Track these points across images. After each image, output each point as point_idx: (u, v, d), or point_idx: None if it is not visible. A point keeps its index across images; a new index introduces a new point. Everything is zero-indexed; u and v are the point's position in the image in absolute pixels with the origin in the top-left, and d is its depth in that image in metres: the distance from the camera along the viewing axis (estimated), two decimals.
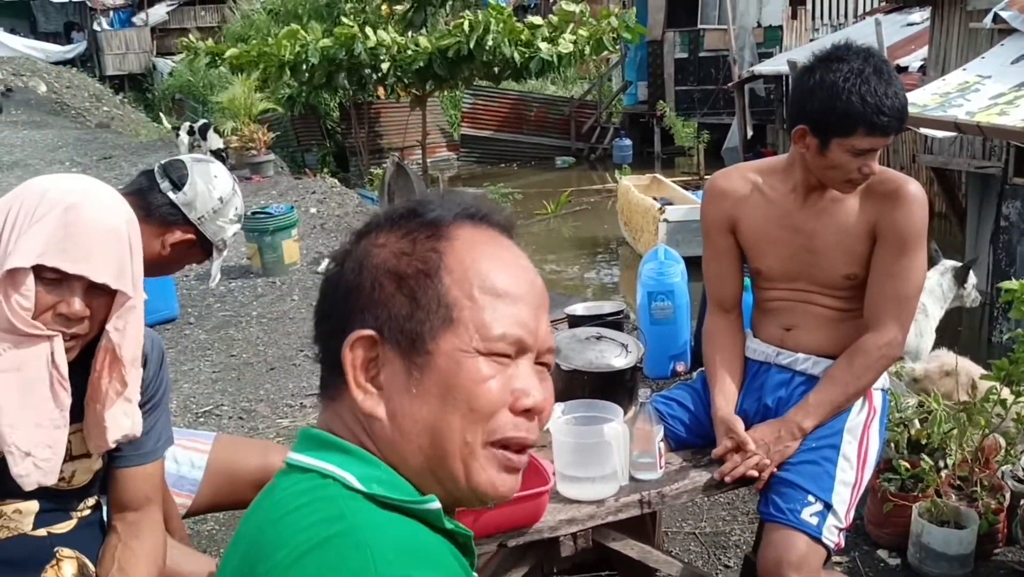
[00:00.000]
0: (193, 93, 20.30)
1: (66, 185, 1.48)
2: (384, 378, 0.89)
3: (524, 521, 1.92)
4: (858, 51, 1.98)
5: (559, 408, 2.16)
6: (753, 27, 16.31)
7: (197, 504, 2.24)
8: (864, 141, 1.96)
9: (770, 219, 2.17)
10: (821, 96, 1.95)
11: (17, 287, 1.40)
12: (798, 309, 2.19)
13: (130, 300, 1.49)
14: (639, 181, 11.69)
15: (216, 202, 2.06)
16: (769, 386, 2.22)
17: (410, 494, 0.87)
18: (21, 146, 12.76)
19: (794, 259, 2.16)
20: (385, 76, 11.49)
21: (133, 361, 1.54)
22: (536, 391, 0.90)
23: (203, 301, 6.48)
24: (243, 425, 4.35)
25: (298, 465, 0.90)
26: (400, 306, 0.88)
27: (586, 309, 3.68)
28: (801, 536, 1.99)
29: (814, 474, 2.04)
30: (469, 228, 0.92)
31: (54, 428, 1.46)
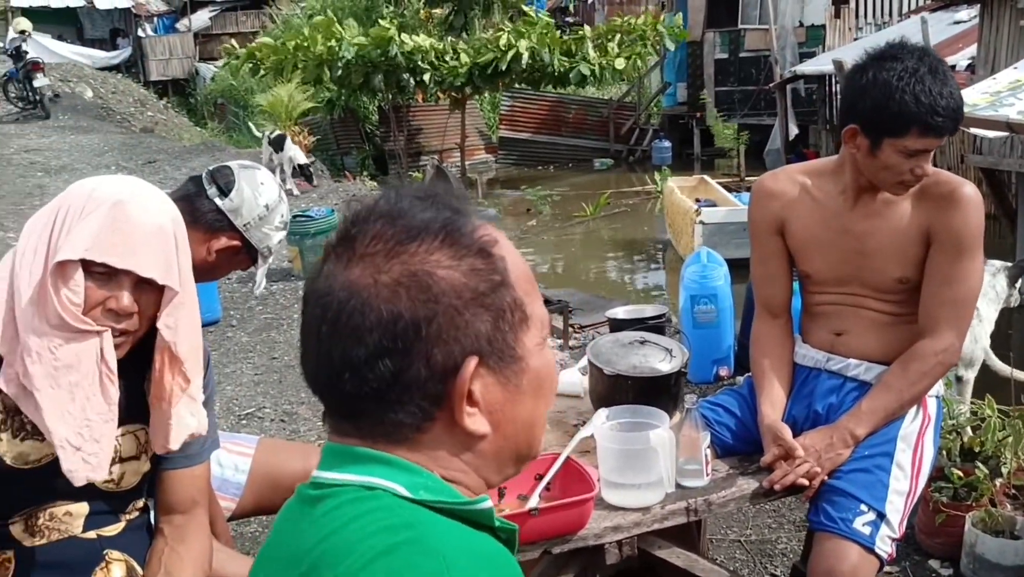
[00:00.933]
0: (235, 97, 20.53)
1: (113, 184, 1.50)
2: (480, 395, 0.86)
3: (569, 528, 1.90)
4: (913, 49, 1.94)
5: (603, 413, 2.14)
6: (795, 26, 16.14)
7: (241, 507, 2.26)
8: (917, 142, 1.91)
9: (819, 221, 2.13)
10: (874, 95, 1.91)
11: (67, 281, 1.41)
12: (849, 313, 2.14)
13: (178, 296, 1.49)
14: (685, 183, 11.58)
15: (262, 209, 2.07)
16: (819, 392, 2.17)
17: (455, 497, 0.86)
18: (68, 151, 12.99)
19: (844, 262, 2.11)
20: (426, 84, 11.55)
21: (193, 358, 1.54)
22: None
23: (245, 304, 6.54)
24: (285, 427, 4.38)
25: (333, 483, 0.85)
26: (484, 323, 0.85)
27: (627, 313, 3.64)
28: (853, 546, 1.94)
29: (867, 483, 2.00)
30: (491, 227, 0.91)
31: (103, 422, 1.47)
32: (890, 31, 14.06)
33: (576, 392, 2.63)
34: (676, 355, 2.45)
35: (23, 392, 1.44)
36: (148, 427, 1.59)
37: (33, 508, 1.51)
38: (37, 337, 1.43)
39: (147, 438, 1.59)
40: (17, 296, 1.44)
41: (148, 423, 1.59)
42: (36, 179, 11.02)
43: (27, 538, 1.52)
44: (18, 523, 1.51)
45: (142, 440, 1.58)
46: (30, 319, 1.43)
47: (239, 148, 14.60)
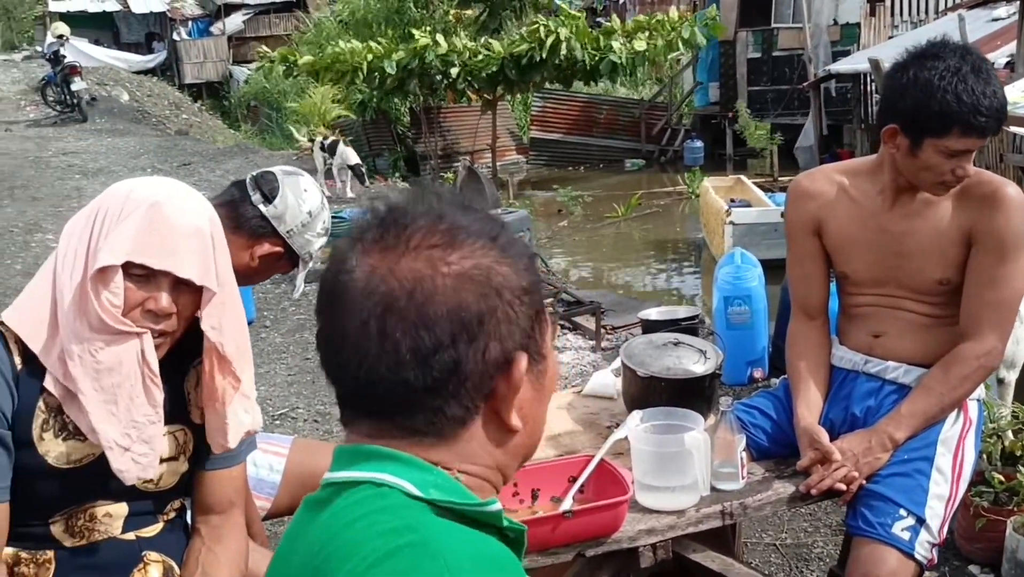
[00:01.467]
0: (268, 100, 20.70)
1: (149, 186, 1.52)
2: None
3: (603, 531, 1.89)
4: (955, 48, 1.91)
5: (637, 415, 2.13)
6: (829, 25, 15.98)
7: (276, 507, 2.27)
8: (959, 142, 1.88)
9: (857, 221, 2.10)
10: (915, 94, 1.88)
11: (107, 284, 1.43)
12: (887, 315, 2.11)
13: (217, 296, 1.50)
14: (721, 183, 11.49)
15: (305, 216, 2.08)
16: (857, 395, 2.14)
17: (465, 496, 0.85)
18: (105, 153, 13.17)
19: (883, 263, 2.08)
20: (455, 81, 11.56)
21: (241, 356, 1.56)
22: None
23: (279, 305, 6.59)
24: (318, 428, 4.40)
25: (345, 481, 0.86)
26: (529, 320, 0.88)
27: (660, 314, 3.63)
28: (892, 551, 1.91)
29: (906, 487, 1.97)
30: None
31: (149, 424, 1.48)
32: (926, 29, 13.88)
33: (609, 394, 2.62)
34: (710, 357, 2.43)
35: (67, 394, 1.46)
36: (187, 428, 1.60)
37: (73, 508, 1.53)
38: (78, 340, 1.44)
39: (186, 438, 1.60)
40: (59, 299, 1.46)
41: (187, 424, 1.60)
42: (74, 181, 11.18)
43: (67, 539, 1.54)
44: (59, 523, 1.53)
45: (181, 440, 1.60)
46: (71, 322, 1.45)
47: (272, 150, 14.74)
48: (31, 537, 1.52)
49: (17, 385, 1.46)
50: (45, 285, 1.49)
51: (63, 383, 1.45)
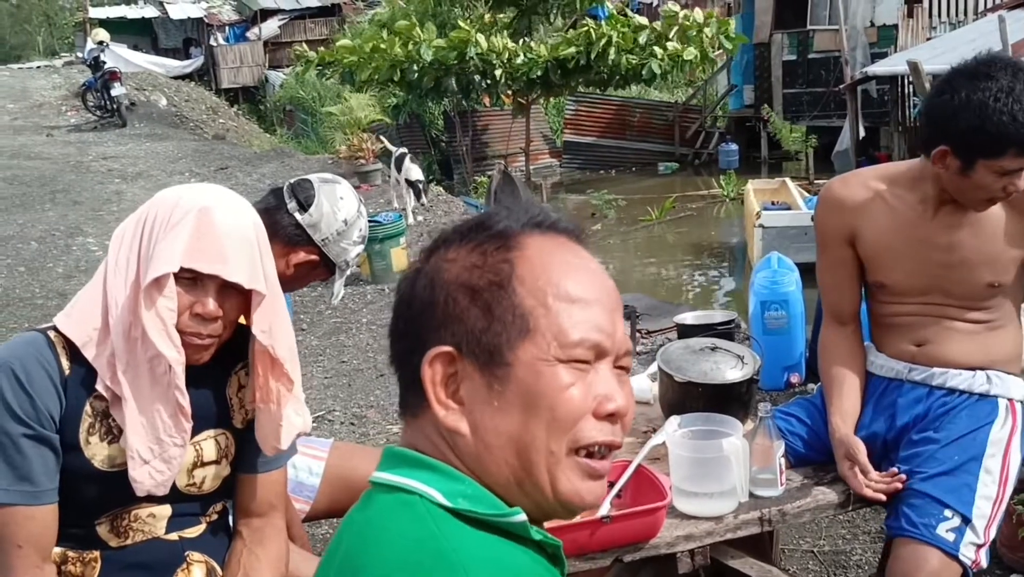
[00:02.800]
0: (303, 104, 20.89)
1: (197, 192, 1.55)
2: (464, 393, 0.88)
3: (641, 536, 1.89)
4: (1004, 65, 1.87)
5: (675, 421, 2.12)
6: (866, 27, 15.82)
7: (315, 509, 2.29)
8: (1014, 162, 1.86)
9: (896, 230, 2.06)
10: (968, 117, 1.84)
11: (162, 290, 1.46)
12: (931, 323, 2.09)
13: (265, 299, 1.53)
14: (767, 185, 11.42)
15: (340, 224, 2.09)
16: (903, 404, 2.11)
17: (497, 507, 0.87)
18: (144, 158, 13.36)
19: (926, 273, 2.06)
20: (496, 83, 11.55)
21: (291, 358, 1.59)
22: (618, 395, 0.90)
23: (315, 308, 6.65)
24: (354, 431, 4.44)
25: (384, 484, 0.89)
26: (476, 320, 0.88)
27: (696, 318, 3.61)
28: (934, 551, 1.89)
29: (953, 487, 1.95)
30: (538, 237, 0.91)
31: (173, 445, 1.51)
32: (966, 30, 13.69)
33: (646, 398, 2.61)
34: (748, 362, 2.42)
35: (115, 398, 1.49)
36: (229, 432, 1.63)
37: (119, 509, 1.56)
38: (126, 348, 1.48)
39: (228, 443, 1.63)
40: (111, 305, 1.49)
41: (229, 428, 1.63)
42: (114, 186, 11.35)
43: (113, 539, 1.57)
44: (104, 524, 1.56)
45: (223, 445, 1.62)
46: (123, 328, 1.48)
47: (308, 154, 14.86)
48: (78, 537, 1.55)
49: (65, 390, 1.49)
50: (96, 292, 1.52)
51: (111, 387, 1.48)
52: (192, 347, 1.51)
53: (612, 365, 0.91)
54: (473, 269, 0.89)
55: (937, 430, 2.04)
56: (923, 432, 2.06)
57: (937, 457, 1.99)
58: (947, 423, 2.04)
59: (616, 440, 0.90)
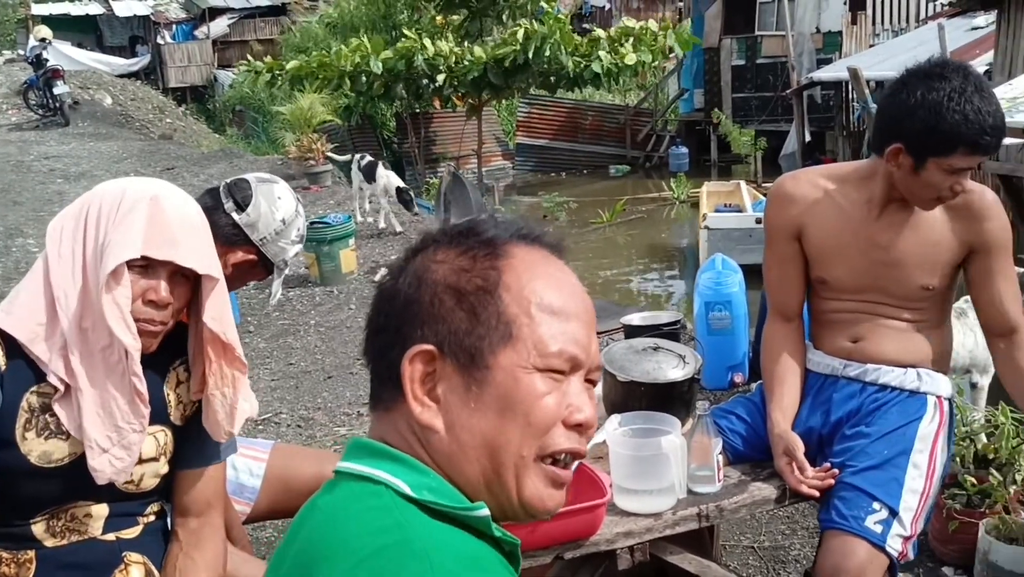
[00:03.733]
0: (253, 104, 20.67)
1: (140, 183, 1.57)
2: (441, 391, 0.90)
3: (581, 533, 1.91)
4: (956, 68, 1.94)
5: (616, 420, 2.15)
6: (812, 33, 16.10)
7: (256, 511, 2.28)
8: (963, 160, 1.92)
9: (842, 228, 2.12)
10: (922, 115, 1.90)
11: (119, 279, 1.46)
12: (866, 321, 2.15)
13: (218, 283, 1.55)
14: (723, 188, 11.60)
15: (278, 224, 2.09)
16: (838, 399, 2.17)
17: (460, 501, 0.89)
18: (88, 157, 13.11)
19: (867, 271, 2.12)
20: (441, 87, 11.58)
21: (238, 344, 1.60)
22: (587, 407, 0.93)
23: (262, 310, 6.58)
24: (301, 433, 4.41)
25: (349, 473, 0.91)
26: (460, 321, 0.90)
27: (642, 319, 3.66)
28: (862, 543, 1.94)
29: (882, 480, 2.00)
30: (524, 248, 0.94)
31: (132, 432, 1.51)
32: (907, 37, 14.01)
33: None
34: (689, 361, 2.46)
35: (65, 390, 1.49)
36: (167, 429, 1.62)
37: (55, 508, 1.54)
38: (79, 338, 1.47)
39: (166, 440, 1.62)
40: (61, 299, 1.48)
41: (167, 425, 1.62)
42: (56, 186, 11.13)
43: (48, 538, 1.55)
44: (40, 523, 1.54)
45: (162, 442, 1.61)
46: (76, 321, 1.48)
47: (257, 155, 14.71)
48: (12, 537, 1.53)
49: (1, 385, 1.47)
50: (37, 287, 1.51)
51: (64, 379, 1.48)
52: (145, 334, 1.51)
53: (583, 378, 0.94)
54: (462, 272, 0.91)
55: (868, 425, 2.10)
56: (855, 427, 2.11)
57: (867, 451, 2.05)
58: (878, 418, 2.10)
59: (582, 449, 0.93)
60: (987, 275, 2.10)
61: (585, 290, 0.97)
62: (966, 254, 2.09)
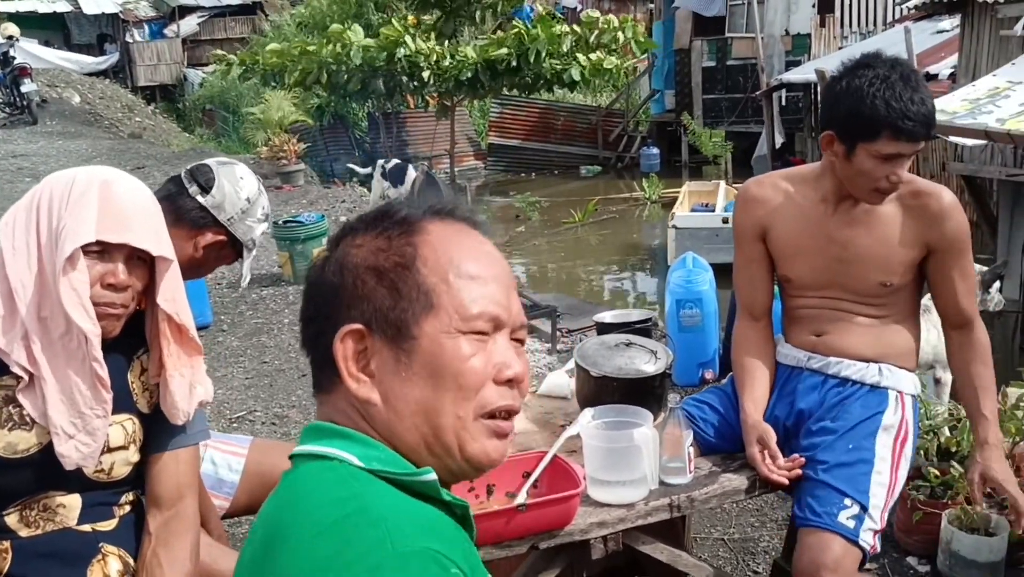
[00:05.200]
0: (224, 104, 20.53)
1: (90, 170, 1.59)
2: (375, 366, 0.95)
3: (555, 524, 1.95)
4: (886, 59, 2.02)
5: (589, 413, 2.19)
6: (781, 35, 16.26)
7: (234, 506, 2.29)
8: (889, 146, 1.98)
9: (801, 228, 2.19)
10: (847, 102, 1.99)
11: (75, 265, 1.48)
12: (829, 316, 2.22)
13: (172, 265, 1.57)
14: (703, 187, 11.70)
15: (244, 202, 2.12)
16: (801, 390, 2.23)
17: (407, 468, 0.94)
18: (56, 156, 12.96)
19: (826, 268, 2.18)
20: (424, 84, 11.55)
21: (192, 326, 1.62)
22: (515, 363, 0.98)
23: (236, 308, 6.57)
24: (276, 430, 4.41)
25: (306, 454, 0.96)
26: (383, 298, 0.95)
27: (614, 317, 3.70)
28: (836, 538, 2.00)
29: (850, 476, 2.06)
30: (438, 223, 0.99)
31: (95, 417, 1.52)
32: (875, 40, 14.18)
33: (563, 393, 2.68)
34: (661, 357, 2.50)
35: (29, 380, 1.50)
36: (135, 417, 1.63)
37: (27, 499, 1.55)
38: (39, 328, 1.49)
39: (135, 428, 1.63)
40: (18, 289, 1.49)
41: (134, 412, 1.63)
42: (24, 185, 10.99)
43: (23, 528, 1.55)
44: (13, 514, 1.55)
45: (130, 430, 1.62)
46: (34, 310, 1.49)
47: (229, 154, 14.61)
48: None
49: None
50: None
51: (28, 368, 1.49)
52: (106, 317, 1.53)
53: (509, 337, 0.99)
54: (379, 252, 0.96)
55: (834, 420, 2.15)
56: (820, 421, 2.17)
57: (835, 447, 2.10)
58: (841, 413, 2.16)
59: (515, 404, 0.98)
60: (945, 273, 2.16)
61: (502, 256, 1.03)
62: (926, 254, 2.15)
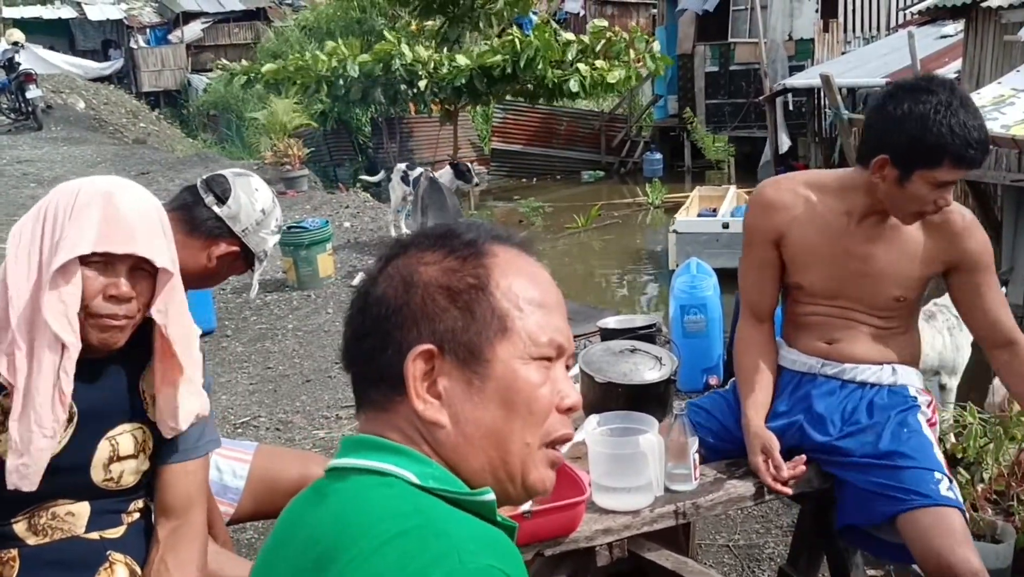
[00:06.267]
0: (228, 109, 20.56)
1: (96, 181, 1.59)
2: (442, 387, 0.94)
3: (561, 531, 1.95)
4: (943, 82, 2.00)
5: (595, 419, 2.19)
6: (784, 40, 16.27)
7: (239, 512, 2.29)
8: (949, 173, 1.96)
9: (818, 236, 2.16)
10: (909, 128, 1.95)
11: (68, 276, 1.47)
12: (839, 324, 2.21)
13: (172, 278, 1.56)
14: (714, 192, 11.72)
15: (259, 214, 2.13)
16: (817, 395, 2.22)
17: (464, 488, 0.93)
18: (61, 162, 12.99)
19: (841, 279, 2.17)
20: (422, 93, 11.58)
21: (184, 341, 1.59)
22: (573, 392, 0.99)
23: (240, 314, 6.58)
24: (280, 436, 4.42)
25: (350, 468, 0.93)
26: (455, 319, 0.94)
27: (618, 322, 3.70)
28: (951, 511, 2.00)
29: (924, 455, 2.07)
30: (501, 247, 0.99)
31: (42, 436, 1.49)
32: (878, 45, 14.19)
33: None
34: (665, 363, 2.50)
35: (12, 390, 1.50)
36: (145, 426, 1.63)
37: (35, 507, 1.55)
38: (28, 337, 1.48)
39: (144, 436, 1.63)
40: (14, 297, 1.50)
41: (144, 421, 1.63)
42: (29, 190, 11.02)
43: (30, 537, 1.56)
44: (21, 522, 1.55)
45: (140, 438, 1.62)
46: (26, 320, 1.49)
47: (232, 159, 14.64)
48: None
49: None
50: None
51: (8, 378, 1.49)
52: (109, 329, 1.52)
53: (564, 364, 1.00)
54: (452, 272, 0.95)
55: (871, 416, 2.16)
56: (854, 424, 2.17)
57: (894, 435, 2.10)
58: (874, 409, 2.17)
59: (571, 432, 1.01)
60: (976, 292, 2.15)
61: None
62: (942, 271, 2.15)
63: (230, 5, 25.99)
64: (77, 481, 1.55)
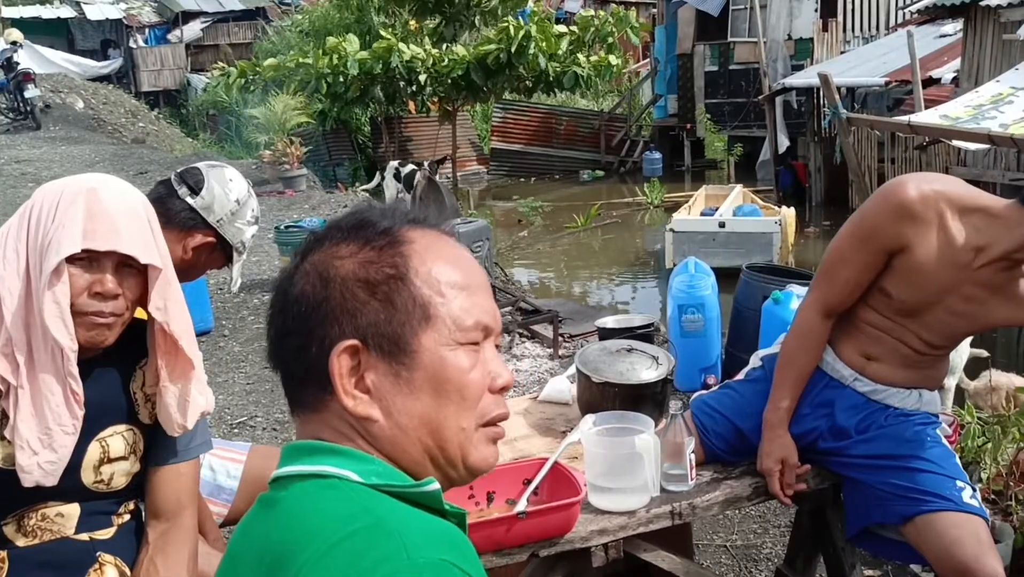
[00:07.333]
0: (227, 108, 20.56)
1: (80, 178, 1.58)
2: (370, 381, 0.92)
3: (556, 531, 1.93)
4: None
5: (590, 419, 2.18)
6: (784, 39, 16.26)
7: (233, 513, 2.29)
8: None
9: (939, 265, 1.98)
10: None
11: (59, 277, 1.47)
12: (889, 342, 2.10)
13: (162, 273, 1.55)
14: (720, 191, 11.72)
15: (233, 204, 2.12)
16: (842, 406, 2.16)
17: (407, 481, 0.92)
18: (60, 161, 12.98)
19: (932, 309, 2.03)
20: (421, 88, 11.60)
21: (188, 336, 1.59)
22: (505, 371, 0.99)
23: (237, 314, 6.56)
24: (276, 436, 4.41)
25: (293, 475, 0.92)
26: (376, 312, 0.92)
27: (616, 322, 3.69)
28: (973, 518, 1.98)
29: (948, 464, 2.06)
30: (418, 231, 0.97)
31: (63, 434, 1.50)
32: (877, 44, 14.19)
33: (565, 399, 2.67)
34: (662, 363, 2.49)
35: (10, 390, 1.49)
36: (136, 428, 1.62)
37: (25, 509, 1.55)
38: (25, 337, 1.48)
39: (135, 438, 1.62)
40: (6, 297, 1.49)
41: (136, 423, 1.62)
42: (27, 190, 11.00)
43: (20, 538, 1.55)
44: (10, 524, 1.54)
45: (130, 440, 1.61)
46: (21, 319, 1.48)
47: (231, 159, 14.63)
48: None
49: None
50: None
51: (7, 378, 1.48)
52: (96, 327, 1.51)
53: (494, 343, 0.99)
54: (369, 264, 0.93)
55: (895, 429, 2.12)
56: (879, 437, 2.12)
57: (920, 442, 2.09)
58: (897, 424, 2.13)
59: (508, 412, 1.00)
60: None
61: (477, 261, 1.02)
62: None
63: (229, 4, 26.00)
64: (68, 483, 1.54)
